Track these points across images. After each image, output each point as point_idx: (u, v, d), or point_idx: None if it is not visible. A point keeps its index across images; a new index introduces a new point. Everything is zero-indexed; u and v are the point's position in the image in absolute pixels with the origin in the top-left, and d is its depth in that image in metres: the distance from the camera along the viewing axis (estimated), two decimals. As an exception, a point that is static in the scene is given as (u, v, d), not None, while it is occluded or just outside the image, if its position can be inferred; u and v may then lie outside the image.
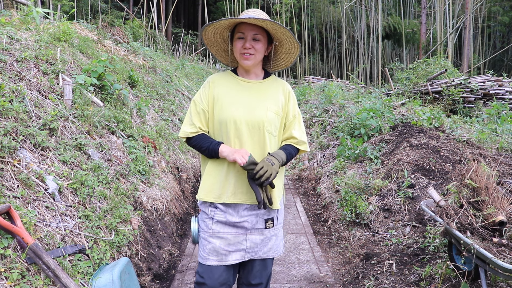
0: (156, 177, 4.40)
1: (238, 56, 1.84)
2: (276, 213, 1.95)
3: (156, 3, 16.74)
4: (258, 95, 1.88)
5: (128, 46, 8.45)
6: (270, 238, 1.94)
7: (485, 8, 25.12)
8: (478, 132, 5.37)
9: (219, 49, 1.98)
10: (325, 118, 8.29)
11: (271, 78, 1.97)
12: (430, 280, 2.95)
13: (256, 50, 1.81)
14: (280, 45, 1.91)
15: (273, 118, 1.85)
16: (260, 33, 1.81)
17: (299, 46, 1.89)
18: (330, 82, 13.02)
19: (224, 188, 1.84)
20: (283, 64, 2.01)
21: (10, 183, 2.50)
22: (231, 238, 1.87)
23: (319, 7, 29.85)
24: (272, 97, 1.89)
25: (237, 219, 1.86)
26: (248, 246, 1.89)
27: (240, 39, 1.82)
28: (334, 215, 4.66)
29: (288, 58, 1.97)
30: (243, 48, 1.81)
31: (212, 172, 1.86)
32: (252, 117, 1.82)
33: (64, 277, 2.14)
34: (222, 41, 1.93)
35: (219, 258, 1.86)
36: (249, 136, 1.82)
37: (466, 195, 2.63)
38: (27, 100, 3.22)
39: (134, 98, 5.75)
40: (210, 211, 1.89)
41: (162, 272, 3.36)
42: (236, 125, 1.81)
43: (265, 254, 1.94)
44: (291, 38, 1.82)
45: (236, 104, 1.84)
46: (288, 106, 1.92)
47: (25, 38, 4.36)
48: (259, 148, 1.83)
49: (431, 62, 12.18)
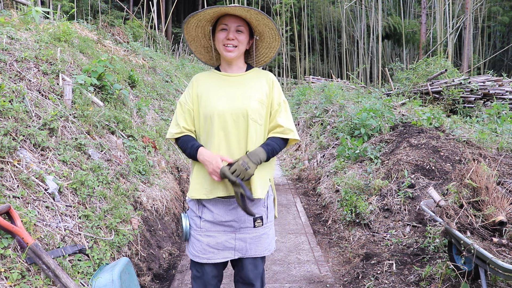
0: (156, 177, 4.40)
1: (221, 48, 1.84)
2: (265, 211, 1.94)
3: (156, 3, 16.74)
4: (241, 86, 1.88)
5: (128, 46, 8.45)
6: (260, 236, 1.93)
7: (485, 8, 25.12)
8: (478, 132, 5.37)
9: (199, 45, 1.98)
10: (325, 118, 8.29)
11: (254, 70, 1.97)
12: (430, 280, 2.95)
13: (240, 42, 1.82)
14: (261, 39, 1.93)
15: (257, 106, 1.84)
16: (243, 25, 1.83)
17: (280, 39, 1.91)
18: (330, 82, 13.02)
19: (215, 183, 1.83)
20: (263, 60, 2.03)
21: (10, 183, 2.50)
22: (219, 237, 1.87)
23: (319, 7, 29.85)
24: (255, 86, 1.89)
25: (224, 218, 1.86)
26: (237, 245, 1.89)
27: (223, 31, 1.82)
28: (334, 215, 4.66)
29: (268, 53, 1.99)
30: (227, 40, 1.81)
31: (201, 169, 1.86)
32: (235, 107, 1.81)
33: (64, 277, 2.14)
34: (203, 36, 1.94)
35: (208, 256, 1.88)
36: (234, 127, 1.81)
37: (466, 195, 2.63)
38: (27, 100, 3.22)
39: (134, 98, 5.75)
40: (198, 210, 1.90)
41: (162, 272, 3.36)
42: (220, 118, 1.80)
43: (256, 252, 1.93)
44: (274, 29, 1.84)
45: (219, 97, 1.84)
46: (272, 94, 1.91)
47: (25, 38, 4.36)
48: (244, 138, 1.82)
49: (431, 62, 12.17)
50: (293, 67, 28.85)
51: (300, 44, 27.73)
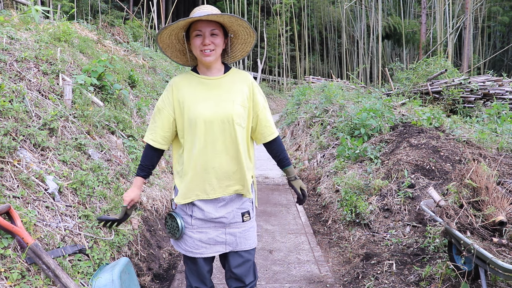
0: (156, 177, 4.40)
1: (198, 53, 1.85)
2: (251, 206, 2.04)
3: (156, 3, 16.73)
4: (223, 90, 1.91)
5: (128, 46, 8.45)
6: (248, 230, 2.02)
7: (485, 8, 25.12)
8: (478, 132, 5.36)
9: (174, 50, 1.98)
10: (325, 118, 8.29)
11: (232, 71, 1.99)
12: (430, 280, 2.95)
13: (216, 45, 1.84)
14: (236, 37, 1.94)
15: (241, 111, 1.90)
16: (217, 28, 1.84)
17: (255, 34, 1.93)
18: (330, 82, 13.02)
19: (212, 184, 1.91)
20: (239, 55, 2.05)
21: (10, 183, 2.50)
22: (210, 232, 1.95)
23: (319, 7, 29.85)
24: (237, 89, 1.93)
25: (215, 215, 1.93)
26: (228, 239, 1.97)
27: (198, 36, 1.83)
28: (334, 215, 4.66)
29: (244, 48, 2.01)
30: (203, 45, 1.82)
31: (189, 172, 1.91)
32: (221, 112, 1.86)
33: (64, 277, 2.14)
34: (177, 41, 1.94)
35: (201, 251, 1.95)
36: (220, 132, 1.86)
37: (466, 195, 2.63)
38: (27, 100, 3.22)
39: (134, 98, 5.75)
40: (188, 209, 1.96)
41: (162, 272, 3.36)
42: (206, 123, 1.84)
43: (246, 246, 2.01)
44: (248, 28, 1.86)
45: (203, 102, 1.87)
46: (255, 98, 1.98)
47: (25, 38, 4.36)
48: (230, 142, 1.89)
49: (431, 62, 12.17)
50: (293, 67, 28.85)
51: (300, 44, 27.72)
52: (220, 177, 1.91)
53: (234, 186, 1.95)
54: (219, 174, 1.90)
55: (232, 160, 1.91)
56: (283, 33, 25.82)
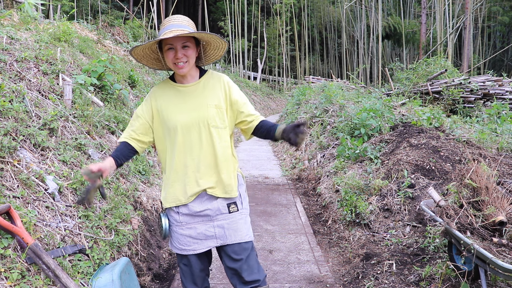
0: (156, 177, 4.40)
1: (172, 66, 1.92)
2: (238, 198, 2.06)
3: (156, 3, 16.72)
4: (198, 96, 1.99)
5: (128, 46, 8.45)
6: (237, 222, 2.01)
7: (485, 8, 25.12)
8: (478, 132, 5.36)
9: (149, 59, 2.04)
10: (325, 118, 8.29)
11: (207, 74, 2.06)
12: (430, 280, 2.95)
13: (188, 57, 1.90)
14: (208, 44, 2.00)
15: (215, 113, 1.97)
16: (188, 40, 1.89)
17: (227, 44, 2.01)
18: (330, 82, 13.02)
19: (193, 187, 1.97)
20: (213, 59, 2.10)
21: (10, 183, 2.50)
22: (198, 227, 1.98)
23: (319, 7, 29.86)
24: (211, 94, 2.00)
25: (199, 208, 1.97)
26: (217, 232, 1.99)
27: (171, 50, 1.89)
28: (334, 215, 4.66)
29: (217, 53, 2.07)
30: (176, 58, 1.88)
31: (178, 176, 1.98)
32: (195, 117, 1.94)
33: (64, 277, 2.14)
34: (151, 52, 2.00)
35: (193, 247, 1.98)
36: (197, 137, 1.94)
37: (466, 195, 2.63)
38: (27, 100, 3.22)
39: (134, 98, 5.75)
40: (176, 206, 2.01)
41: (162, 272, 3.36)
42: (183, 129, 1.93)
43: (236, 238, 2.00)
44: (218, 39, 1.93)
45: (179, 110, 1.95)
46: (231, 96, 2.03)
47: (25, 38, 4.36)
48: (207, 145, 1.96)
49: (431, 62, 12.16)
50: (293, 67, 28.86)
51: (300, 44, 27.73)
52: (199, 180, 1.96)
53: (213, 189, 1.99)
54: (198, 176, 1.96)
55: (209, 162, 1.97)
56: (283, 33, 25.82)
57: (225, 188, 2.00)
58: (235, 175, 2.07)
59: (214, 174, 1.98)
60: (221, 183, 1.99)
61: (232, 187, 2.01)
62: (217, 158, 1.97)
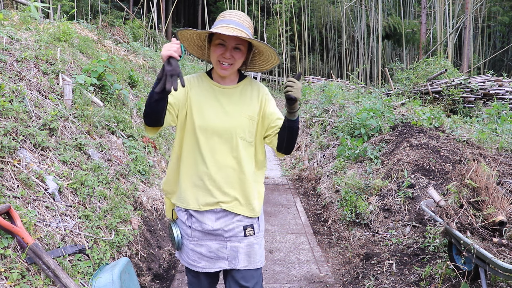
0: (156, 177, 4.40)
1: (215, 62, 1.76)
2: (256, 220, 1.88)
3: (156, 3, 16.73)
4: (232, 101, 1.82)
5: (128, 46, 8.45)
6: (252, 246, 1.84)
7: (485, 8, 25.11)
8: (478, 132, 5.37)
9: (193, 44, 1.85)
10: (325, 118, 8.29)
11: (245, 80, 1.89)
12: (430, 280, 2.95)
13: (235, 60, 1.74)
14: (259, 53, 1.83)
15: (247, 124, 1.80)
16: (242, 43, 1.73)
17: (279, 61, 1.83)
18: (330, 82, 13.02)
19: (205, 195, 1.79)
20: (257, 68, 1.92)
21: (10, 183, 2.50)
22: (211, 246, 1.83)
23: (319, 7, 29.85)
24: (247, 102, 1.83)
25: (212, 227, 1.80)
26: (229, 255, 1.83)
27: (220, 46, 1.72)
28: (334, 215, 4.66)
29: (264, 65, 1.89)
30: (222, 57, 1.72)
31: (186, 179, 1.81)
32: (225, 124, 1.77)
33: (64, 277, 2.14)
34: (197, 38, 1.82)
35: (203, 265, 1.84)
36: (221, 145, 1.77)
37: (466, 195, 2.63)
38: (27, 100, 3.22)
39: (134, 98, 5.75)
40: (187, 220, 1.85)
41: (162, 272, 3.36)
42: (208, 133, 1.77)
43: (249, 264, 1.83)
44: (273, 53, 1.76)
45: (209, 110, 1.79)
46: (266, 109, 1.85)
47: (25, 38, 4.36)
48: (230, 155, 1.78)
49: (431, 62, 12.17)
50: (293, 67, 28.85)
51: (300, 44, 27.73)
52: (214, 191, 1.79)
53: (229, 204, 1.80)
54: (213, 186, 1.78)
55: (229, 174, 1.79)
56: (283, 33, 25.82)
57: (245, 206, 1.82)
58: (260, 194, 1.88)
59: (233, 189, 1.80)
60: (240, 199, 1.81)
61: (254, 207, 1.83)
62: (238, 171, 1.80)
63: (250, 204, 1.83)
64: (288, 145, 1.80)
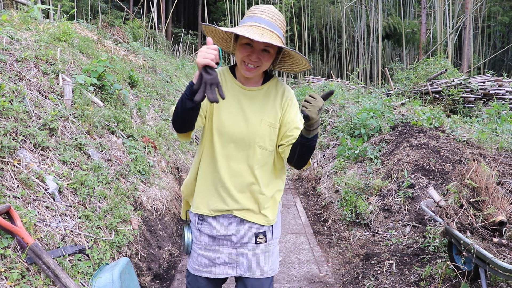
0: (156, 177, 4.40)
1: (239, 62, 1.61)
2: (269, 227, 1.78)
3: (156, 3, 16.73)
4: (254, 106, 1.68)
5: (128, 46, 8.45)
6: (263, 255, 1.75)
7: (485, 8, 25.12)
8: (478, 132, 5.37)
9: (217, 36, 1.69)
10: (325, 118, 8.29)
11: (271, 81, 1.73)
12: (430, 280, 2.95)
13: (263, 63, 1.58)
14: (289, 56, 1.66)
15: (267, 132, 1.67)
16: (272, 45, 1.55)
17: (310, 67, 1.65)
18: (330, 82, 13.02)
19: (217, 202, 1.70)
20: (285, 69, 1.76)
21: (10, 183, 2.50)
22: (219, 251, 1.74)
23: (319, 7, 29.85)
24: (268, 107, 1.69)
25: (223, 232, 1.72)
26: (238, 261, 1.74)
27: (247, 46, 1.56)
28: (334, 215, 4.66)
29: (293, 68, 1.71)
30: (248, 58, 1.57)
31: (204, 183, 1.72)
32: (242, 131, 1.65)
33: (64, 277, 2.14)
34: (223, 32, 1.67)
35: (209, 271, 1.74)
36: (236, 150, 1.66)
37: (466, 195, 2.63)
38: (27, 100, 3.22)
39: (134, 98, 5.75)
40: (198, 223, 1.77)
41: (162, 272, 3.36)
42: (224, 137, 1.65)
43: (258, 273, 1.74)
44: (304, 60, 1.59)
45: (227, 115, 1.66)
46: (287, 115, 1.69)
47: (25, 38, 4.36)
48: (246, 161, 1.67)
49: (431, 62, 12.17)
50: (293, 67, 28.80)
51: (300, 44, 27.72)
52: (226, 198, 1.69)
53: (242, 211, 1.71)
54: (226, 193, 1.69)
55: (245, 184, 1.69)
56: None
57: (258, 215, 1.73)
58: (276, 202, 1.78)
59: (246, 198, 1.70)
60: (253, 208, 1.71)
61: (268, 216, 1.74)
62: (253, 180, 1.68)
63: (263, 213, 1.73)
64: (298, 161, 1.63)
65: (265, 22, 1.53)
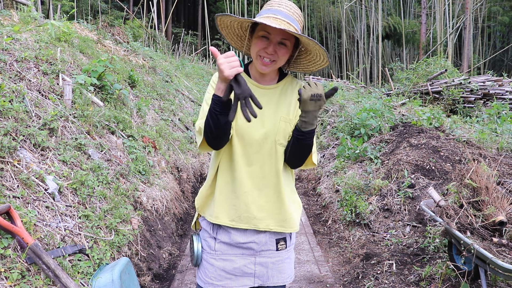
0: (156, 177, 4.40)
1: (255, 56, 1.55)
2: (289, 232, 1.71)
3: (156, 3, 16.73)
4: (272, 104, 1.62)
5: (128, 46, 8.45)
6: (283, 261, 1.68)
7: (485, 8, 25.12)
8: (478, 132, 5.37)
9: (231, 33, 1.64)
10: (325, 118, 8.29)
11: (287, 79, 1.68)
12: (430, 280, 2.95)
13: (279, 57, 1.52)
14: (306, 52, 1.60)
15: (284, 128, 1.60)
16: (289, 38, 1.50)
17: (328, 63, 1.60)
18: (330, 82, 13.02)
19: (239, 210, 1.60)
20: (301, 68, 1.70)
21: (10, 183, 2.50)
22: (236, 261, 1.62)
23: (319, 7, 29.85)
24: (285, 104, 1.63)
25: (243, 239, 1.61)
26: (257, 271, 1.64)
27: (263, 39, 1.50)
28: (334, 215, 4.66)
29: (310, 66, 1.65)
30: (264, 51, 1.51)
31: (225, 189, 1.61)
32: (265, 130, 1.58)
33: (64, 277, 2.14)
34: (238, 27, 1.61)
35: (224, 283, 1.61)
36: (257, 150, 1.58)
37: (466, 195, 2.63)
38: (27, 100, 3.22)
39: (134, 98, 5.75)
40: (213, 230, 1.64)
41: (162, 272, 3.37)
42: (245, 141, 1.57)
43: (279, 280, 1.68)
44: (323, 54, 1.53)
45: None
46: (296, 111, 1.63)
47: (25, 38, 4.36)
48: (270, 165, 1.59)
49: (431, 62, 12.17)
50: (293, 67, 28.82)
51: (300, 44, 27.72)
52: (250, 205, 1.58)
53: (265, 220, 1.61)
54: (249, 200, 1.58)
55: (268, 187, 1.60)
56: (283, 33, 25.83)
57: (283, 222, 1.63)
58: (298, 204, 1.71)
59: (271, 202, 1.60)
60: (279, 214, 1.61)
61: (294, 221, 1.65)
62: (276, 184, 1.59)
63: (291, 219, 1.65)
64: (291, 158, 1.58)
65: (283, 14, 1.49)
